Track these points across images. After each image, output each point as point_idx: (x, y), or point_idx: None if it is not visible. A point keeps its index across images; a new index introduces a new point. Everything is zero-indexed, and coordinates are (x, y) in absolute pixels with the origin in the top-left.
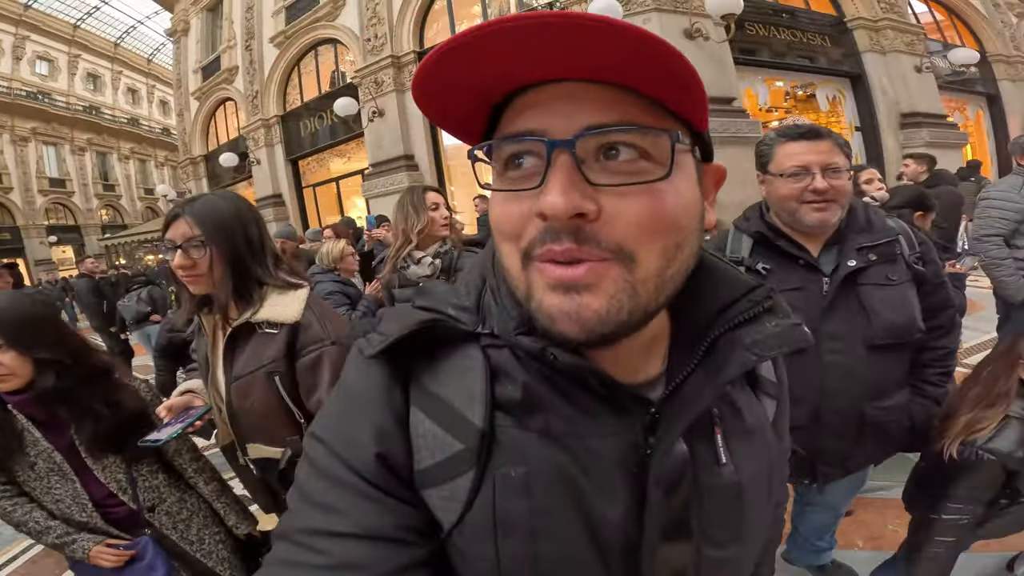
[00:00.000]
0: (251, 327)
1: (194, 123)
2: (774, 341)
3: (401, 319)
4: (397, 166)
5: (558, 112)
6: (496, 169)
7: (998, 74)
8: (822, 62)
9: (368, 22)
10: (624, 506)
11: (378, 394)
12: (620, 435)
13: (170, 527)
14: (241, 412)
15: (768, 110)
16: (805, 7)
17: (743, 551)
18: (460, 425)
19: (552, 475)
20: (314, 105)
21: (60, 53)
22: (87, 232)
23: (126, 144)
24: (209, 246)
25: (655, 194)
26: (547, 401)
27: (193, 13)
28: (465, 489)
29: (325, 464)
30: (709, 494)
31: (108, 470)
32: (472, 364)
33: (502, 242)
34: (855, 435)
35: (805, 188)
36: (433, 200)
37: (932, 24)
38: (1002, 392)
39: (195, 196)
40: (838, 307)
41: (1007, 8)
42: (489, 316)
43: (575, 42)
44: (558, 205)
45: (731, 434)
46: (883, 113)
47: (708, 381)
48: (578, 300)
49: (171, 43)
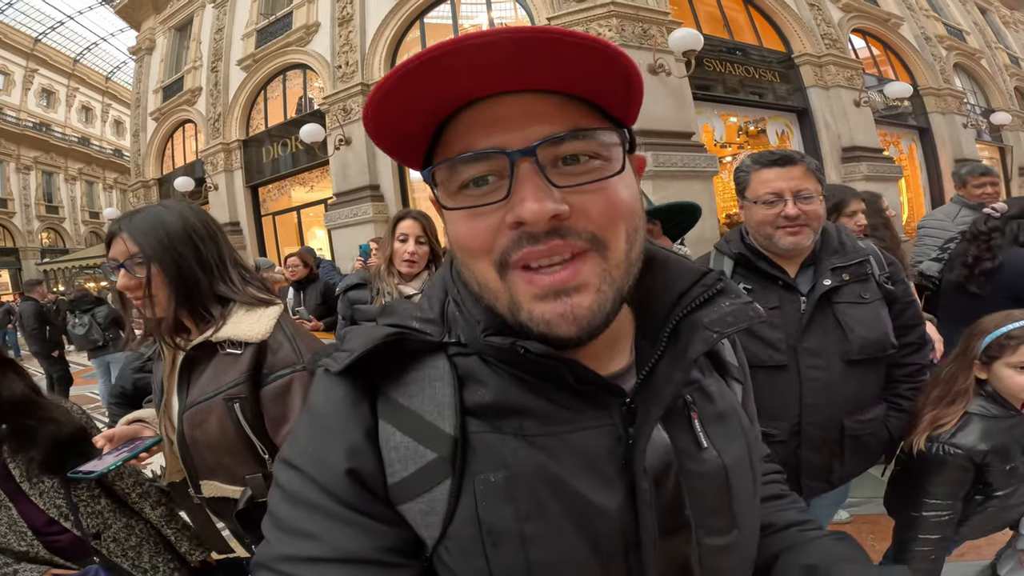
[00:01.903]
0: (212, 348)
1: (150, 144)
2: (731, 319)
3: (365, 335)
4: (362, 196)
5: (512, 126)
6: (447, 190)
7: (929, 107)
8: (771, 97)
9: (340, 49)
10: (620, 495)
11: (345, 411)
12: (601, 428)
13: (119, 554)
14: (195, 444)
15: (723, 145)
16: (757, 44)
17: (742, 537)
18: (431, 434)
19: (534, 476)
20: (278, 131)
21: (17, 67)
22: (25, 255)
23: (75, 164)
24: (151, 264)
25: (611, 187)
26: (520, 402)
27: (160, 32)
28: (443, 500)
29: (296, 488)
30: (697, 480)
31: (46, 495)
32: (439, 374)
33: (472, 260)
34: (836, 448)
35: (778, 214)
36: (401, 231)
37: (869, 59)
38: (961, 390)
39: (137, 209)
40: (816, 324)
41: (937, 42)
42: (455, 326)
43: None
44: (537, 210)
45: (708, 420)
46: (826, 147)
47: (676, 364)
48: (570, 302)
49: (133, 61)
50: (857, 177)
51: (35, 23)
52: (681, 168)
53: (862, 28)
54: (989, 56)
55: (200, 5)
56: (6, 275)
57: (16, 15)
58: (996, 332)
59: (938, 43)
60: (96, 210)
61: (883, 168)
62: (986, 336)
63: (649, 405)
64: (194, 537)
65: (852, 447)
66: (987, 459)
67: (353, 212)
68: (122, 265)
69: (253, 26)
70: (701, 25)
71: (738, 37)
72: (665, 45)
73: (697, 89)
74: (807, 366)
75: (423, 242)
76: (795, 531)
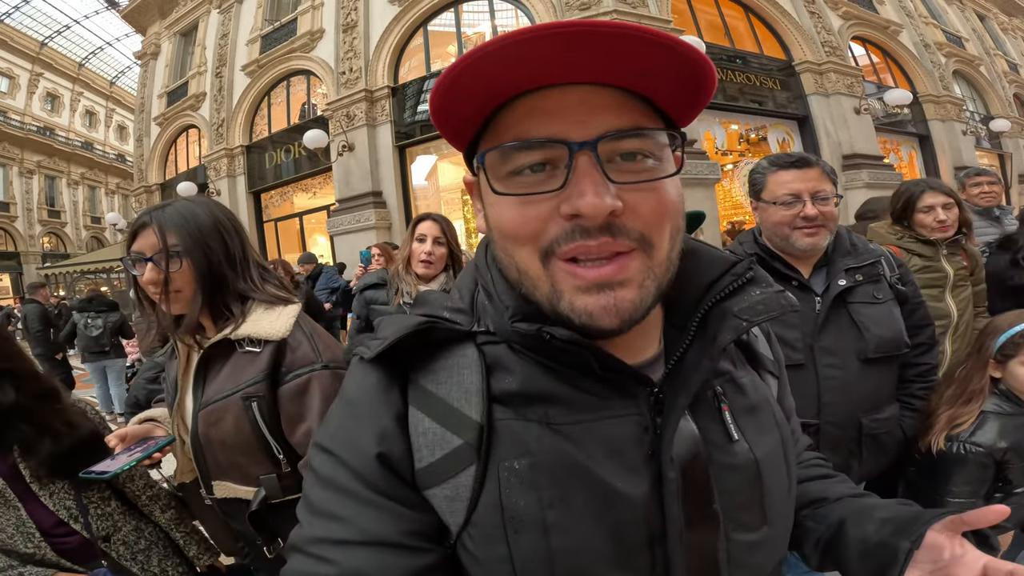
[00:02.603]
0: (230, 345)
1: (153, 149)
2: (761, 307)
3: (398, 324)
4: (365, 203)
5: (573, 118)
6: (497, 174)
7: (928, 114)
8: (771, 105)
9: (344, 55)
10: (646, 484)
11: (377, 396)
12: (627, 417)
13: (128, 558)
14: (209, 444)
15: (724, 153)
16: (758, 52)
17: (772, 534)
18: (458, 421)
19: (558, 464)
20: (281, 137)
21: (23, 70)
22: (27, 260)
23: (77, 169)
24: (183, 259)
25: (663, 188)
26: (547, 390)
27: (166, 37)
28: (468, 486)
29: (327, 472)
30: (727, 474)
31: (56, 496)
32: (468, 362)
33: (516, 246)
34: (854, 447)
35: (796, 215)
36: (420, 232)
37: (869, 67)
38: (976, 389)
39: (166, 202)
40: (831, 324)
41: (936, 48)
42: (484, 315)
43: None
44: (597, 204)
45: (739, 412)
46: (827, 155)
47: (704, 352)
48: (613, 295)
49: (138, 66)
50: (858, 185)
51: (41, 27)
52: (683, 175)
53: (862, 35)
54: (988, 63)
55: (205, 11)
56: (7, 279)
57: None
58: (1011, 331)
59: (937, 50)
60: (98, 215)
61: (883, 175)
62: (1000, 335)
63: (677, 394)
64: (203, 541)
65: (870, 446)
66: (1007, 456)
67: (356, 218)
68: (150, 259)
69: (258, 32)
70: (702, 33)
71: (739, 45)
72: None
73: None
74: (824, 365)
75: (441, 243)
76: (851, 500)
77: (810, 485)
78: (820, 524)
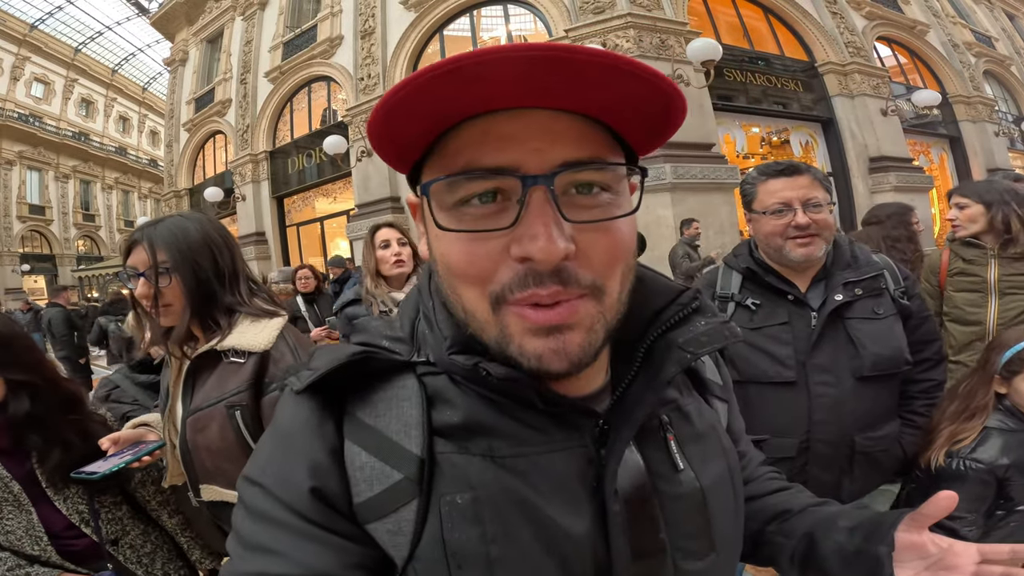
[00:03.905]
0: (217, 356)
1: (182, 155)
2: (705, 338)
3: (331, 354)
4: (383, 208)
5: (531, 145)
6: (442, 203)
7: (959, 115)
8: (795, 107)
9: (362, 61)
10: (589, 519)
11: (309, 429)
12: (572, 450)
13: (134, 561)
14: (196, 449)
15: (745, 156)
16: (779, 53)
17: (721, 560)
18: (398, 455)
19: (501, 498)
20: (303, 143)
21: (58, 76)
22: (62, 262)
23: (111, 173)
24: (172, 275)
25: (616, 227)
26: (489, 423)
27: (193, 44)
28: (410, 521)
29: (259, 505)
30: (673, 503)
31: (70, 501)
32: (407, 393)
33: (463, 285)
34: (845, 465)
35: (788, 224)
36: (382, 238)
37: (896, 67)
38: (980, 405)
39: (158, 219)
40: (826, 340)
41: (965, 48)
42: (424, 344)
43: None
44: (550, 251)
45: (685, 441)
46: (853, 157)
47: (648, 384)
48: (562, 339)
49: (168, 72)
50: (886, 188)
51: (75, 33)
52: (701, 180)
53: (887, 36)
54: (1019, 62)
55: (230, 18)
56: (42, 281)
57: (57, 25)
58: (1017, 346)
59: (966, 50)
60: (131, 219)
61: (913, 178)
62: (1007, 350)
63: (621, 426)
64: (206, 546)
65: (862, 464)
66: (1008, 473)
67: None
68: (141, 274)
69: (280, 39)
70: (720, 35)
71: (759, 46)
72: (684, 56)
73: (718, 100)
74: (816, 382)
75: (404, 243)
76: (813, 510)
77: (771, 499)
78: (790, 539)
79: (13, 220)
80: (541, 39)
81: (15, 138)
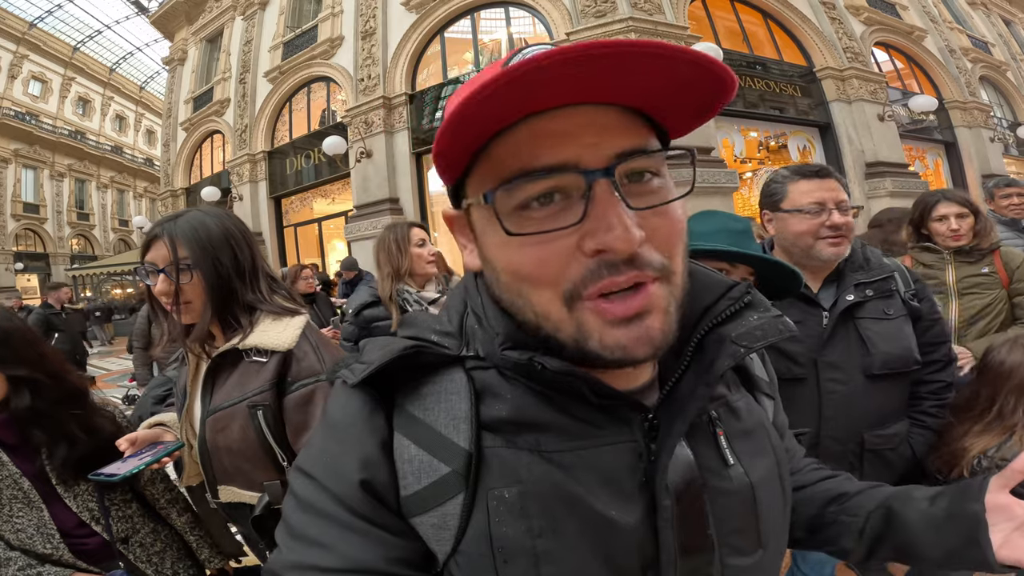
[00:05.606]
0: (238, 355)
1: (179, 154)
2: (759, 332)
3: (383, 348)
4: (382, 209)
5: (585, 140)
6: (505, 211)
7: (955, 120)
8: (792, 112)
9: (362, 62)
10: (637, 514)
11: (361, 422)
12: (620, 444)
13: (144, 559)
14: (215, 449)
15: (743, 160)
16: (778, 58)
17: (767, 557)
18: (446, 448)
19: (549, 493)
20: (302, 143)
21: (55, 75)
22: (55, 261)
23: (107, 172)
24: (194, 271)
25: (674, 208)
26: (538, 418)
27: (192, 43)
28: (455, 515)
29: (309, 497)
30: (722, 499)
31: (80, 498)
32: (456, 387)
33: (534, 289)
34: (855, 462)
35: (822, 224)
36: (419, 237)
37: (893, 72)
38: (1016, 423)
39: (178, 213)
40: (837, 339)
41: (962, 54)
42: (473, 339)
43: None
44: (628, 239)
45: (734, 436)
46: (849, 163)
47: (700, 379)
48: (643, 326)
49: (166, 71)
50: (882, 193)
51: (74, 31)
52: (700, 184)
53: (885, 41)
54: (1015, 68)
55: (230, 18)
56: (35, 280)
57: (55, 23)
58: None
59: (963, 55)
60: (126, 218)
61: (909, 183)
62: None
63: (672, 420)
64: (214, 545)
65: (872, 461)
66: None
67: (373, 224)
68: (162, 270)
69: (280, 39)
70: (720, 40)
71: (758, 51)
72: None
73: None
74: (827, 379)
75: (430, 243)
76: (874, 489)
77: (822, 485)
78: (857, 516)
79: (7, 218)
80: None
81: (11, 136)
